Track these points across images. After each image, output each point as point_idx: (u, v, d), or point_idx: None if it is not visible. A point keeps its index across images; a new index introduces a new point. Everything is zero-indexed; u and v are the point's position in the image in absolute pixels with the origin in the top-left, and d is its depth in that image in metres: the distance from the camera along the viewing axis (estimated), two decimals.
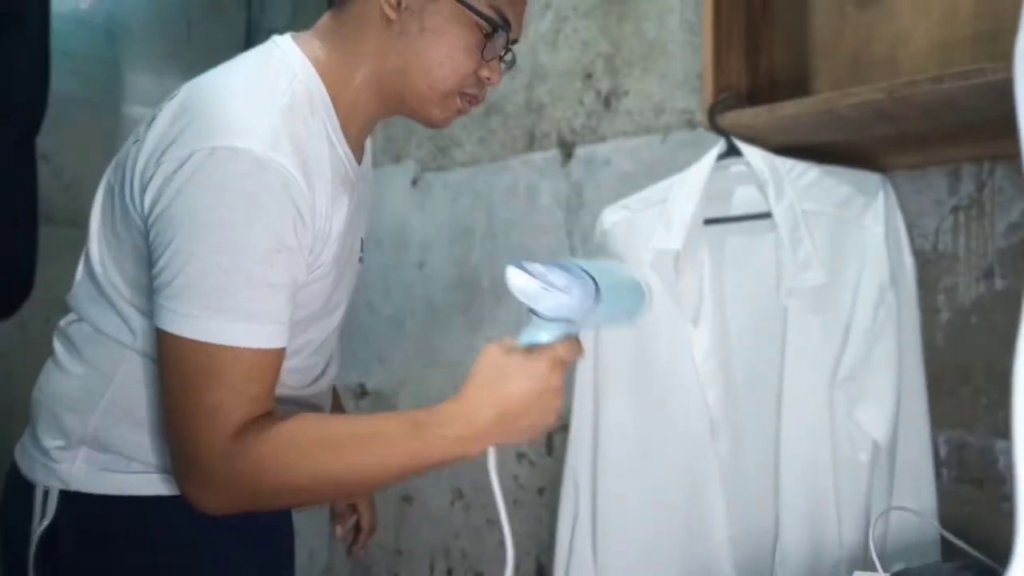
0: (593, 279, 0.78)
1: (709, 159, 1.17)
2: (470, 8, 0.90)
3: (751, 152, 1.14)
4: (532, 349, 0.81)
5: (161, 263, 0.80)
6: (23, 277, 0.99)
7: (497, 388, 0.83)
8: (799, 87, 1.26)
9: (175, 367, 0.80)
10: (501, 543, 0.84)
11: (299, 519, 1.07)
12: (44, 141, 1.85)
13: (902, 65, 1.18)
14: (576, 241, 1.60)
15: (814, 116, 1.07)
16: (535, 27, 1.74)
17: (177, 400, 0.80)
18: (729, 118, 1.15)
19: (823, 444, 1.09)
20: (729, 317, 1.18)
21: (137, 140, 0.89)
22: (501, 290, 1.72)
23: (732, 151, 1.16)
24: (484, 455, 0.85)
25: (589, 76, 1.64)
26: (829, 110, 1.04)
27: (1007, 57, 0.94)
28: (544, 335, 0.81)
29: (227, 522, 0.86)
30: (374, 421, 0.88)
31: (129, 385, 0.91)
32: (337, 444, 0.82)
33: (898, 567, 0.98)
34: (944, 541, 1.03)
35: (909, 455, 1.08)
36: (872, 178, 1.13)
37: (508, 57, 0.96)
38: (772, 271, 1.13)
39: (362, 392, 2.13)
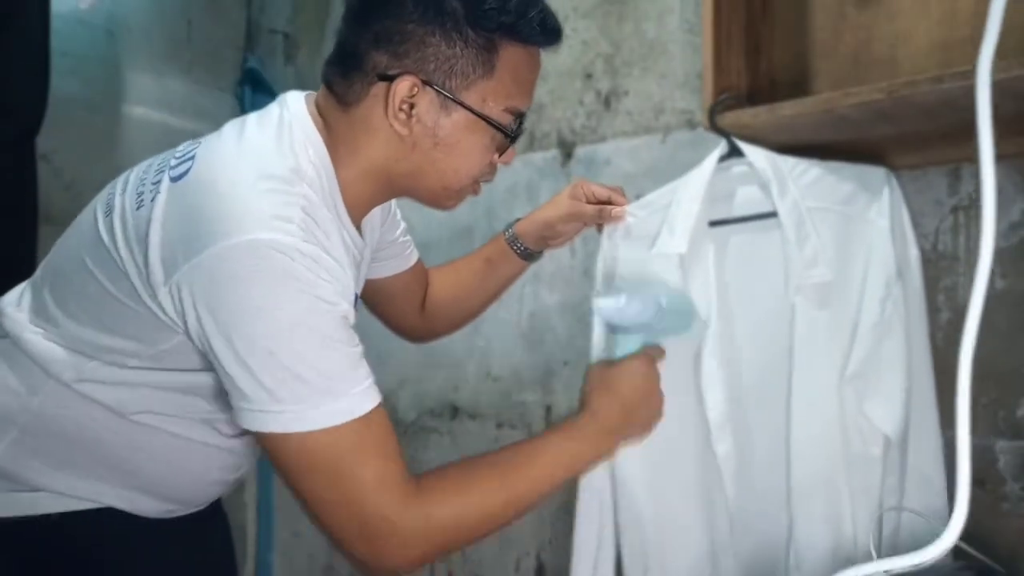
0: (657, 298, 1.02)
1: (711, 161, 1.17)
2: (486, 120, 0.88)
3: (753, 152, 1.14)
4: (627, 358, 0.99)
5: (237, 372, 0.77)
6: (23, 277, 0.98)
7: (613, 388, 0.97)
8: (799, 87, 1.26)
9: (314, 463, 0.78)
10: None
11: (297, 520, 1.07)
12: (44, 141, 1.85)
13: (902, 65, 1.18)
14: (576, 241, 1.60)
15: (814, 116, 1.07)
16: None
17: (333, 492, 0.79)
18: (729, 118, 1.15)
19: (834, 441, 1.08)
20: (736, 318, 1.17)
21: (141, 204, 0.85)
22: None
23: (734, 152, 1.16)
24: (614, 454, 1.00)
25: (589, 76, 1.64)
26: (829, 110, 1.04)
27: (1007, 57, 0.94)
28: (632, 345, 1.01)
29: (150, 528, 0.91)
30: (529, 440, 0.94)
31: (48, 416, 0.87)
32: (509, 464, 0.88)
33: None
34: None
35: (920, 449, 1.08)
36: (876, 172, 1.12)
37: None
38: (779, 270, 1.12)
39: None
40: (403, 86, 0.85)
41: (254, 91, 2.48)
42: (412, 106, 0.86)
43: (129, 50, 2.27)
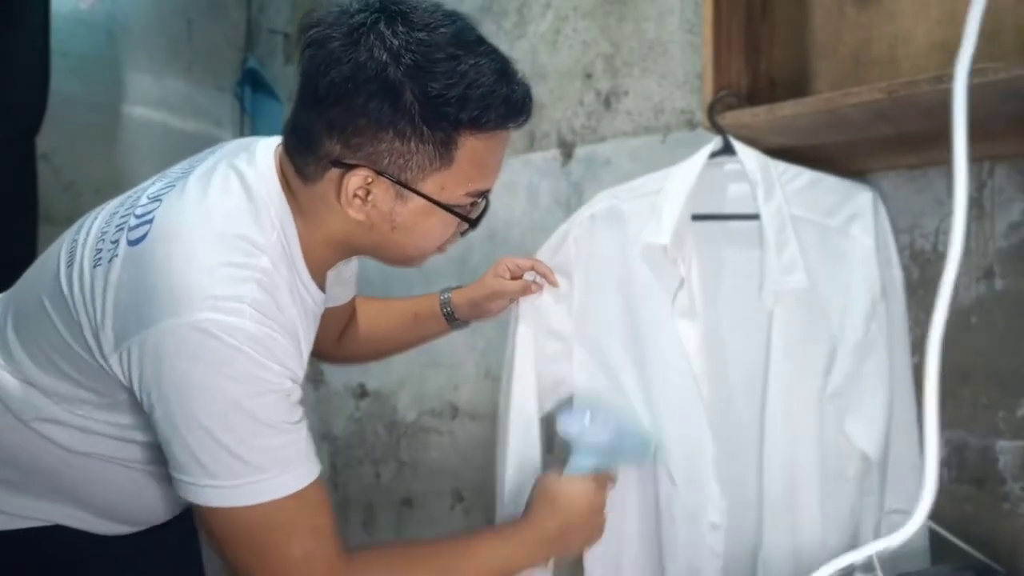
0: (620, 424, 1.06)
1: (702, 155, 1.17)
2: (444, 207, 0.86)
3: (745, 152, 1.14)
4: (578, 477, 1.02)
5: (175, 444, 0.79)
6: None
7: (556, 505, 0.99)
8: (799, 87, 1.26)
9: (243, 536, 0.80)
10: None
11: None
12: (44, 141, 1.85)
13: (902, 65, 1.18)
14: None
15: (814, 116, 1.07)
16: (535, 27, 1.74)
17: (261, 565, 0.80)
18: (728, 118, 1.15)
19: (808, 454, 1.08)
20: (715, 315, 1.17)
21: (98, 262, 0.84)
22: None
23: (727, 149, 1.16)
24: (546, 564, 1.03)
25: (589, 76, 1.64)
26: (829, 110, 1.04)
27: (1007, 57, 0.94)
28: (586, 464, 1.03)
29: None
30: (469, 535, 0.97)
31: (3, 447, 0.89)
32: (445, 558, 0.90)
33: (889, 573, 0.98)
34: (944, 541, 1.03)
35: (899, 471, 1.08)
36: (862, 190, 1.12)
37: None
38: (758, 272, 1.12)
39: (362, 392, 2.13)
40: (355, 179, 0.82)
41: (254, 91, 2.48)
42: (368, 192, 0.83)
43: (129, 50, 2.27)
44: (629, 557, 1.20)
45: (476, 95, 0.80)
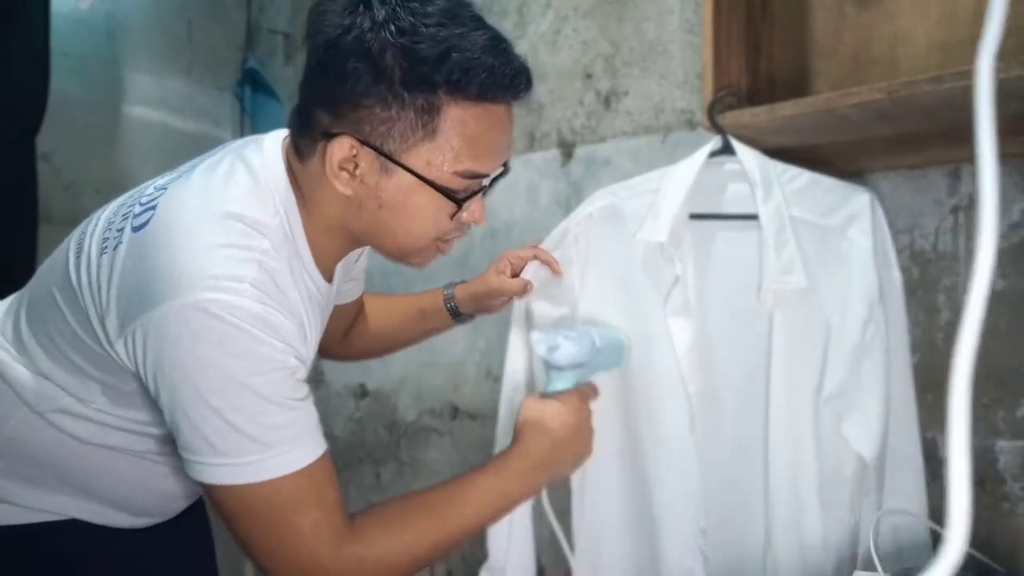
0: (591, 336, 1.04)
1: (701, 154, 1.17)
2: (429, 183, 0.83)
3: (744, 152, 1.14)
4: (559, 394, 1.00)
5: (183, 425, 0.79)
6: (22, 277, 0.99)
7: (544, 425, 0.97)
8: (799, 87, 1.26)
9: (252, 513, 0.80)
10: None
11: None
12: (44, 141, 1.85)
13: (902, 65, 1.18)
14: None
15: (814, 116, 1.07)
16: (535, 27, 1.74)
17: (271, 540, 0.81)
18: (728, 118, 1.15)
19: (806, 454, 1.08)
20: (711, 314, 1.17)
21: (104, 250, 0.85)
22: None
23: (727, 148, 1.16)
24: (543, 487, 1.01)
25: (589, 76, 1.64)
26: (829, 110, 1.04)
27: (1007, 57, 0.94)
28: (565, 382, 1.02)
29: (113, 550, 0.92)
30: (461, 478, 0.94)
31: (18, 440, 0.89)
32: (441, 505, 0.89)
33: (891, 570, 0.98)
34: (939, 544, 1.03)
35: (900, 469, 1.08)
36: (860, 192, 1.12)
37: (493, 184, 0.90)
38: (755, 271, 1.12)
39: (362, 392, 2.13)
40: (339, 147, 0.81)
41: (254, 91, 2.48)
42: (356, 166, 0.82)
43: (129, 50, 2.27)
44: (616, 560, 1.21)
45: (457, 59, 0.79)
